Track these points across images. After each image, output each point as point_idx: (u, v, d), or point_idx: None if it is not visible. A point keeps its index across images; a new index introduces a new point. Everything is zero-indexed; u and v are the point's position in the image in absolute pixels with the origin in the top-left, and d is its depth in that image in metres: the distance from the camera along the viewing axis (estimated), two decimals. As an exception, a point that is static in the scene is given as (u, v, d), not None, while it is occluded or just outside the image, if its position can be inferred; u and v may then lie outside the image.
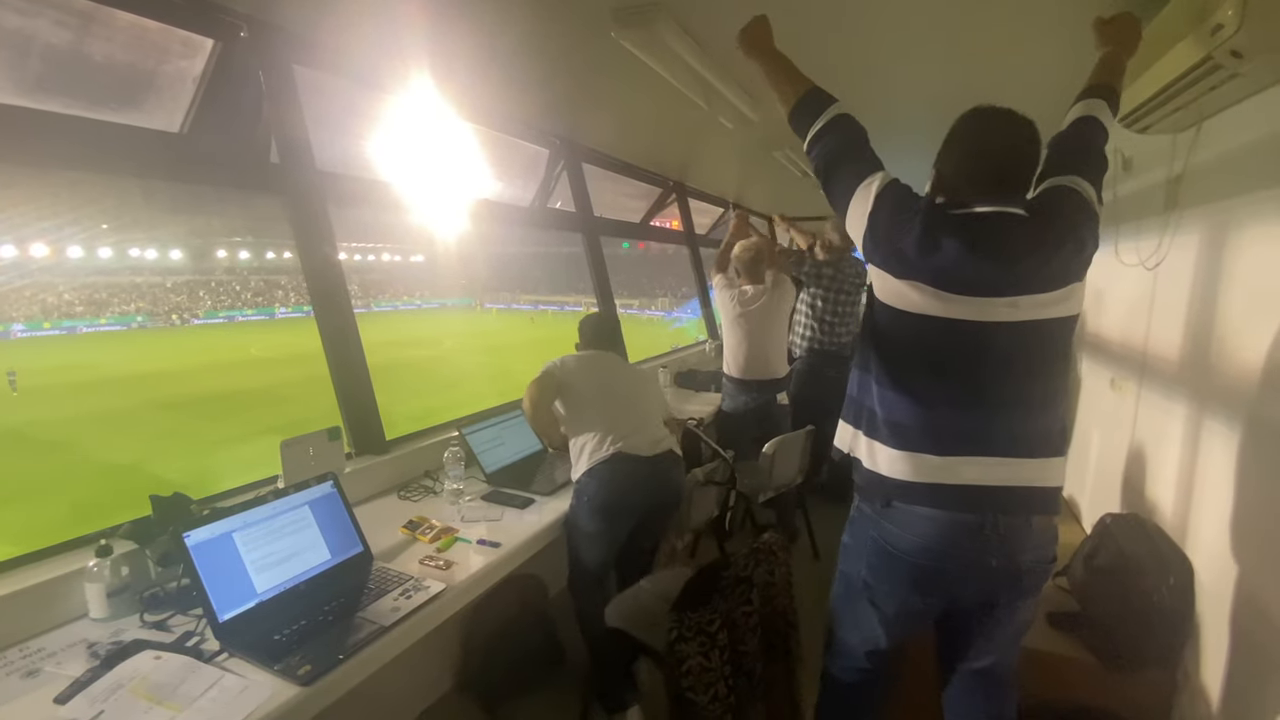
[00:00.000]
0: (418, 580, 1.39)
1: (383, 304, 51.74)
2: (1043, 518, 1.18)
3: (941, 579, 1.20)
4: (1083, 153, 1.24)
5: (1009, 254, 1.10)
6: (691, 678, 1.40)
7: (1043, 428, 1.17)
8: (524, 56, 1.96)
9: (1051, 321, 1.13)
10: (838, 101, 1.30)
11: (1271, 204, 1.31)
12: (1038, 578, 1.21)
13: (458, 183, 2.61)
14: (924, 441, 1.17)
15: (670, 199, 4.45)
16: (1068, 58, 1.95)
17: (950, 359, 1.16)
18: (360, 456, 1.98)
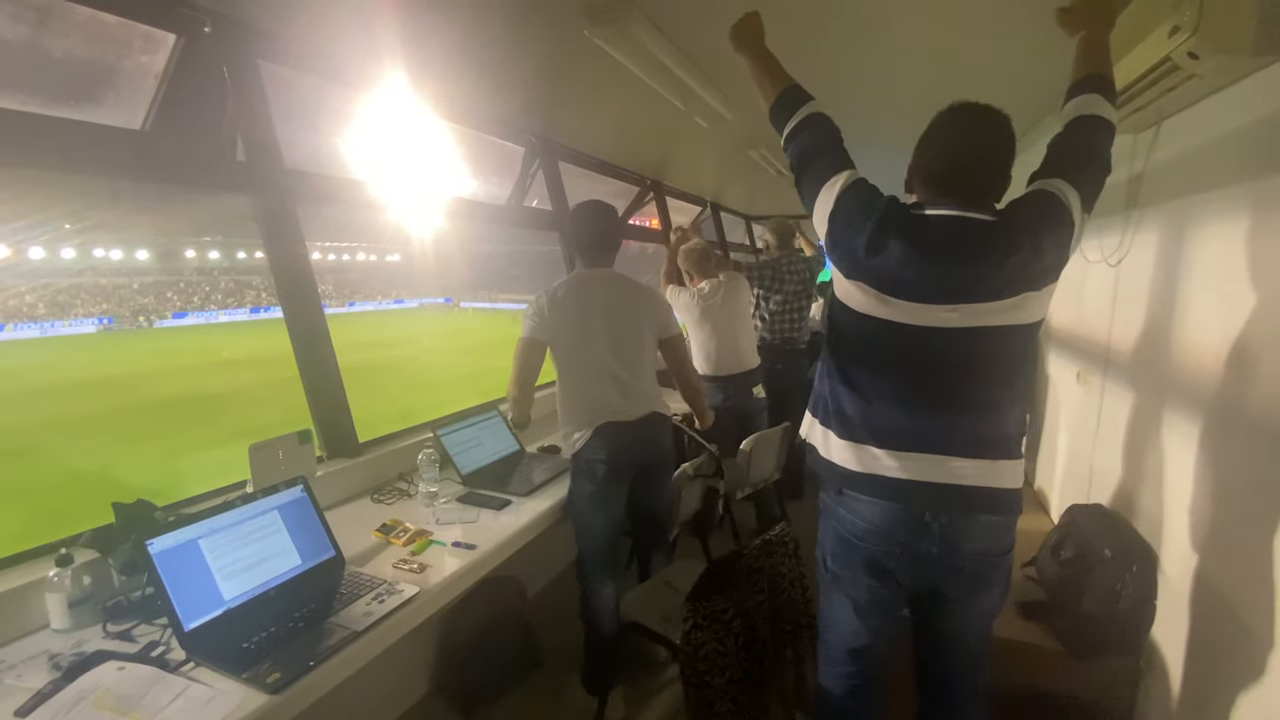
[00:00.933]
0: (391, 584, 1.37)
1: (359, 304, 50.95)
2: (990, 516, 1.19)
3: (889, 563, 1.24)
4: (1074, 155, 1.18)
5: (952, 259, 1.10)
6: (708, 663, 1.48)
7: (992, 431, 1.17)
8: (498, 54, 1.95)
9: (1000, 329, 1.12)
10: (813, 100, 1.31)
11: (1226, 202, 1.35)
12: (985, 568, 1.22)
13: (433, 181, 2.58)
14: (866, 434, 1.22)
15: (648, 198, 4.45)
16: (1040, 53, 2.00)
17: (892, 359, 1.20)
18: (332, 460, 1.95)
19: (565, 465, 2.15)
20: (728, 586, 1.55)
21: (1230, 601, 1.27)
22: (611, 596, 1.95)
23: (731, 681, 1.50)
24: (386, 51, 1.86)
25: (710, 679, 1.48)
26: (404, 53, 1.88)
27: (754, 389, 3.07)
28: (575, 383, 1.92)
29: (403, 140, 2.59)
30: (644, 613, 1.79)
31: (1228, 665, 1.26)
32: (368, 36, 1.75)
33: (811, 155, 1.28)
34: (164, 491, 1.79)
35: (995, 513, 1.19)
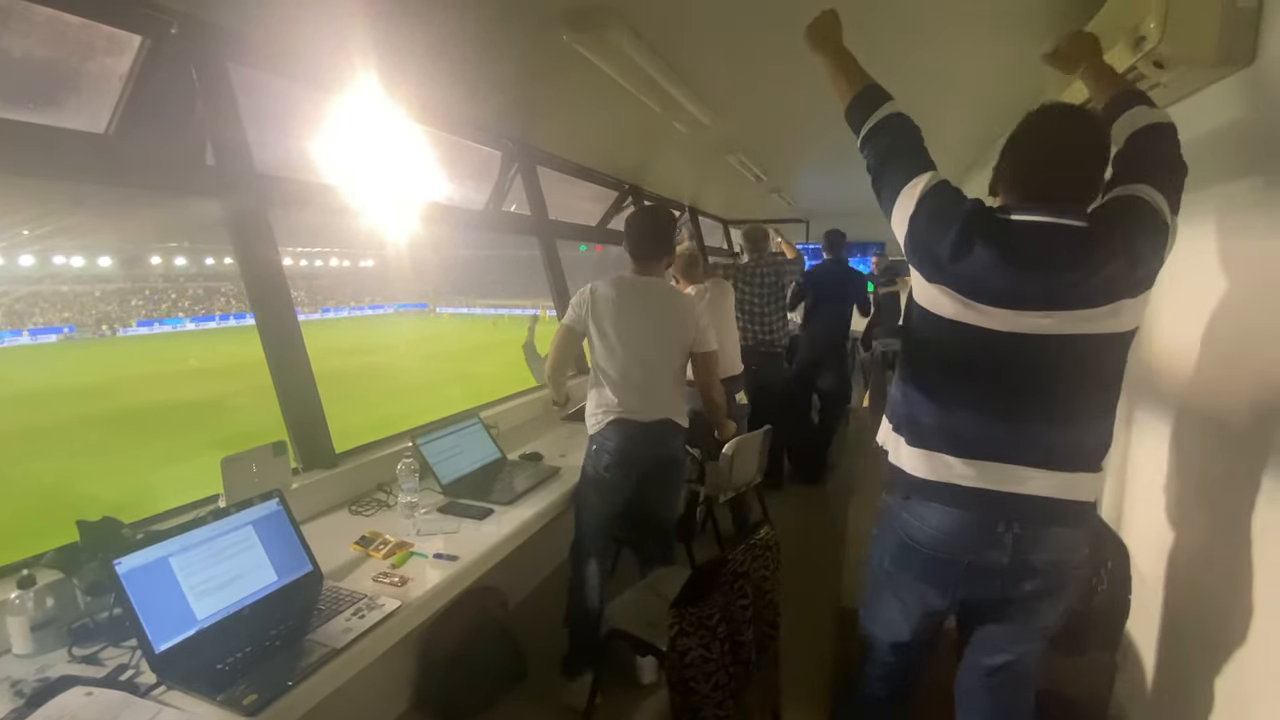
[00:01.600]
0: (371, 598, 1.34)
1: (332, 310, 50.05)
2: (1063, 528, 1.16)
3: (954, 571, 1.21)
4: (1152, 158, 1.14)
5: (1045, 267, 1.05)
6: (694, 669, 1.47)
7: (1073, 442, 1.13)
8: (474, 59, 1.93)
9: (1093, 337, 1.08)
10: (892, 99, 1.27)
11: (1191, 206, 1.39)
12: (1057, 577, 1.19)
13: (408, 185, 2.54)
14: (941, 442, 1.18)
15: (627, 202, 4.45)
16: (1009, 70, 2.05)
17: (975, 365, 1.15)
18: (308, 471, 1.90)
19: (548, 473, 2.14)
20: (713, 592, 1.54)
21: (1201, 591, 1.30)
22: (598, 578, 2.05)
23: (717, 687, 1.50)
24: (359, 54, 1.83)
25: (696, 685, 1.48)
26: (377, 55, 1.85)
27: (738, 395, 3.09)
28: (602, 375, 2.04)
29: (377, 144, 2.55)
30: (630, 620, 1.78)
31: (1200, 653, 1.29)
32: (340, 39, 1.72)
33: (891, 156, 1.24)
34: (132, 507, 1.73)
35: (1069, 524, 1.16)
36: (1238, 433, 1.20)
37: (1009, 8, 1.67)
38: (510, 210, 3.33)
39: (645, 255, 2.09)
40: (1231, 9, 1.11)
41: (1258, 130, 1.16)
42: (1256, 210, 1.18)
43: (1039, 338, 1.08)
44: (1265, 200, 1.15)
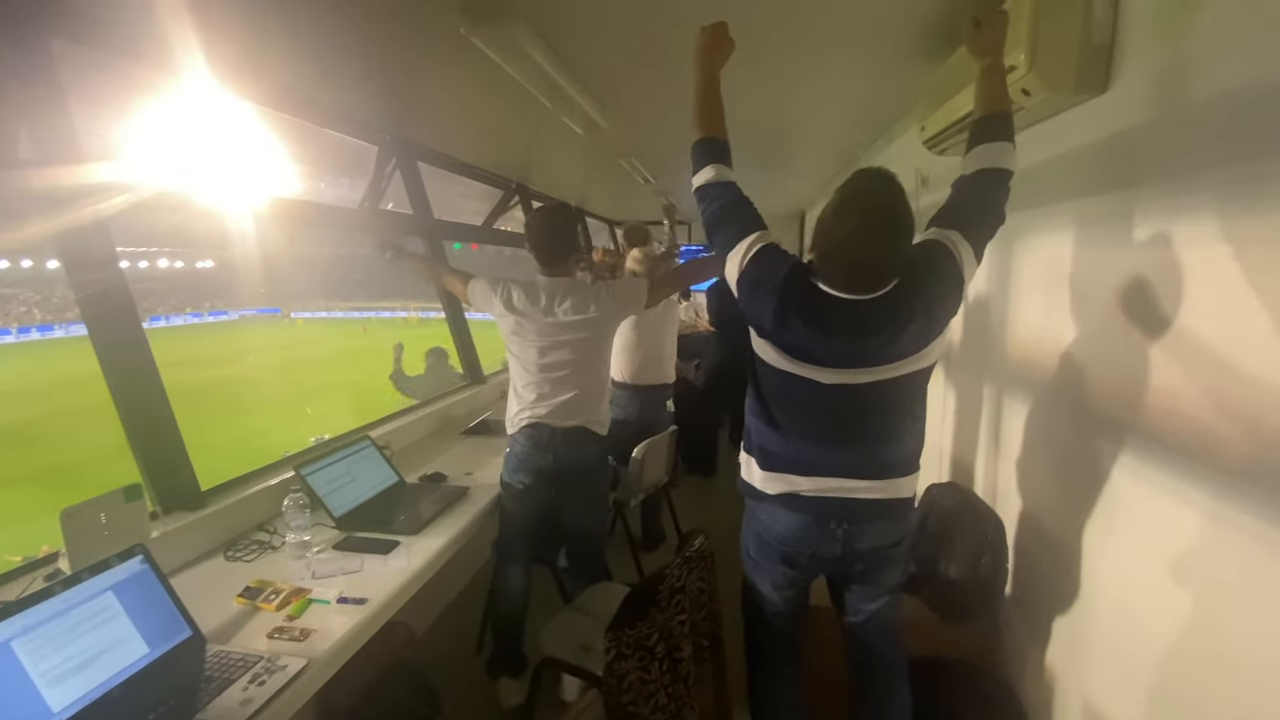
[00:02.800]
0: (270, 660, 1.17)
1: (162, 318, 43.85)
2: (883, 522, 1.38)
3: (801, 559, 1.44)
4: (976, 207, 1.29)
5: (854, 334, 1.22)
6: (632, 693, 1.42)
7: (893, 456, 1.34)
8: (355, 47, 1.76)
9: (902, 378, 1.26)
10: (724, 164, 1.39)
11: (1044, 219, 1.58)
12: (881, 558, 1.42)
13: (262, 180, 2.26)
14: (785, 466, 1.39)
15: (513, 201, 4.31)
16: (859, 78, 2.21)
17: (808, 406, 1.33)
18: (169, 515, 1.64)
19: (455, 494, 2.01)
20: (651, 610, 1.52)
21: (1066, 554, 1.48)
22: (520, 578, 2.06)
23: (657, 709, 1.46)
24: (215, 33, 1.60)
25: (636, 710, 1.43)
26: (237, 36, 1.63)
27: (666, 404, 3.08)
28: (516, 378, 2.01)
29: (229, 133, 2.26)
30: (561, 646, 1.70)
31: (1070, 609, 1.47)
32: (191, 13, 1.48)
33: (722, 218, 1.36)
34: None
35: (887, 518, 1.38)
36: (1090, 416, 1.38)
37: (883, 33, 1.81)
38: (389, 209, 3.10)
39: (552, 256, 2.01)
40: (1088, 44, 1.27)
41: (1108, 151, 1.33)
42: (1104, 223, 1.36)
43: (855, 386, 1.26)
44: (1112, 214, 1.33)
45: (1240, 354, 0.97)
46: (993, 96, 1.33)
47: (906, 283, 1.21)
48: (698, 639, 1.60)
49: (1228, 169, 0.99)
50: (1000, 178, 1.29)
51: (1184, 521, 1.06)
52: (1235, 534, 0.94)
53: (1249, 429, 0.93)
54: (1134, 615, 1.22)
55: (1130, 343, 1.22)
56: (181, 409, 1.72)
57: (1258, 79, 0.92)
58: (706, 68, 1.41)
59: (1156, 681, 1.13)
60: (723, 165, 1.38)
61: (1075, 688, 1.43)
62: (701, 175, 1.39)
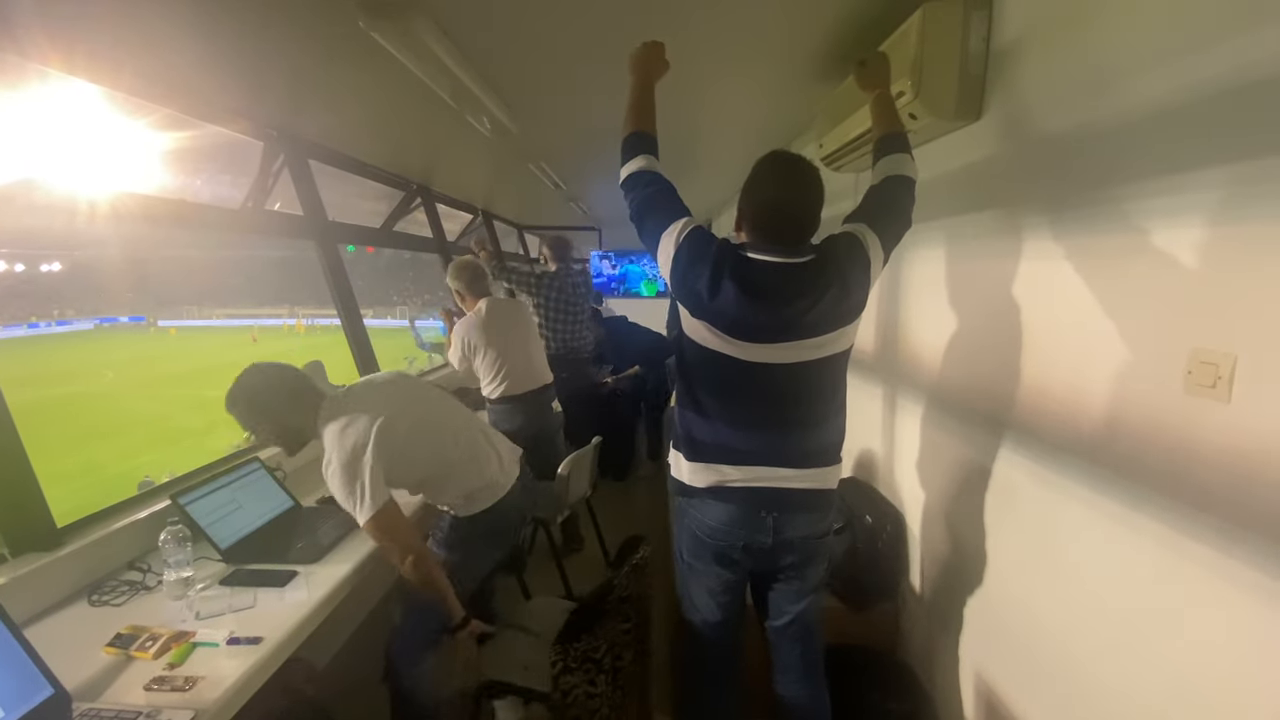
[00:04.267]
0: (150, 715, 1.04)
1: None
2: (810, 513, 1.41)
3: (734, 554, 1.45)
4: (883, 207, 1.38)
5: (776, 297, 1.26)
6: (579, 707, 1.45)
7: (816, 445, 1.39)
8: (238, 36, 1.62)
9: (818, 362, 1.32)
10: (653, 156, 1.45)
11: (927, 233, 1.71)
12: (809, 549, 1.45)
13: (124, 174, 2.02)
14: (714, 454, 1.40)
15: (415, 203, 4.12)
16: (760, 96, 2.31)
17: (733, 389, 1.36)
18: (19, 558, 1.42)
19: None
20: (599, 622, 1.52)
21: (957, 541, 1.61)
22: None
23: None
24: (70, 10, 1.41)
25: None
26: (96, 14, 1.45)
27: (551, 403, 3.06)
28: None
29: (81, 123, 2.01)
30: (503, 668, 1.64)
31: (960, 590, 1.60)
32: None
33: (654, 202, 1.39)
34: None
35: (815, 509, 1.42)
36: (973, 411, 1.51)
37: (785, 56, 1.91)
38: (275, 209, 2.87)
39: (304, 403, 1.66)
40: (966, 75, 1.39)
41: (980, 172, 1.47)
42: (976, 238, 1.50)
43: (776, 366, 1.31)
44: (982, 230, 1.47)
45: (1086, 353, 1.11)
46: (886, 119, 1.49)
47: (825, 253, 1.29)
48: (637, 644, 1.62)
49: (1078, 193, 1.13)
50: (904, 183, 1.40)
51: (1065, 511, 1.18)
52: (1109, 522, 1.06)
53: (1106, 421, 1.06)
54: (1023, 599, 1.34)
55: (1001, 345, 1.35)
56: (26, 431, 1.49)
57: (1092, 120, 1.08)
58: (643, 76, 1.51)
59: (1048, 661, 1.24)
60: (652, 156, 1.45)
61: (973, 669, 1.55)
62: (632, 164, 1.44)
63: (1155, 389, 0.95)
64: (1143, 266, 0.98)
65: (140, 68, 1.81)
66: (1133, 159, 1.00)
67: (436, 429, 1.68)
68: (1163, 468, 0.94)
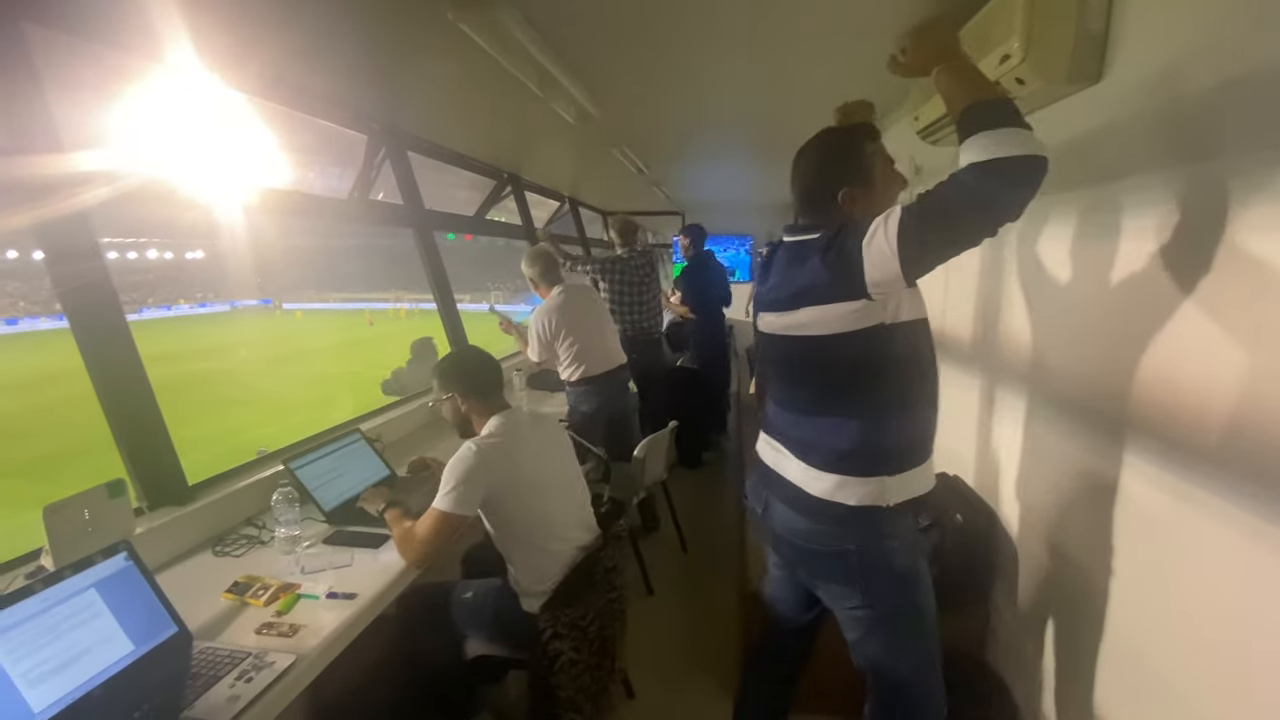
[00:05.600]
0: (258, 656, 1.16)
1: (151, 309, 43.30)
2: (787, 508, 1.30)
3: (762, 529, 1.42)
4: (929, 205, 1.03)
5: (766, 274, 1.32)
6: (562, 675, 1.49)
7: (810, 436, 1.25)
8: (336, 32, 1.72)
9: (803, 339, 1.22)
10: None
11: (1039, 213, 1.57)
12: (802, 552, 1.31)
13: (252, 170, 2.23)
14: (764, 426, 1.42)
15: (506, 191, 4.27)
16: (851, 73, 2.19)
17: (767, 362, 1.39)
18: (155, 511, 1.62)
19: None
20: (587, 591, 1.57)
21: (1056, 546, 1.49)
22: None
23: (581, 690, 1.55)
24: (197, 19, 1.56)
25: (561, 690, 1.50)
26: (219, 22, 1.59)
27: (628, 384, 3.10)
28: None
29: (214, 121, 2.21)
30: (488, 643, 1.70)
31: (1056, 599, 1.48)
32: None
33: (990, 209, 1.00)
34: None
35: (796, 508, 1.27)
36: (1083, 407, 1.37)
37: (876, 27, 1.79)
38: (379, 199, 3.06)
39: (495, 399, 1.71)
40: (1084, 33, 1.25)
41: (1101, 142, 1.32)
42: (1092, 217, 1.35)
43: (775, 336, 1.29)
44: (1099, 207, 1.32)
45: (1221, 346, 0.97)
46: (955, 98, 1.08)
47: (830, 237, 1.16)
48: (618, 616, 1.71)
49: (1222, 161, 0.98)
50: (953, 186, 1.01)
51: (1188, 523, 1.04)
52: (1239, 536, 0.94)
53: (1236, 422, 0.93)
54: (1131, 619, 1.22)
55: (1127, 338, 1.21)
56: (173, 401, 1.69)
57: (1256, 70, 0.91)
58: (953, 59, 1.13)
59: (1157, 692, 1.12)
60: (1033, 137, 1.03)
61: (1070, 683, 1.42)
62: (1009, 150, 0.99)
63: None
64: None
65: (261, 70, 1.98)
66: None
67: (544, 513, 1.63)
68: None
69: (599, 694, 1.63)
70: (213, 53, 1.78)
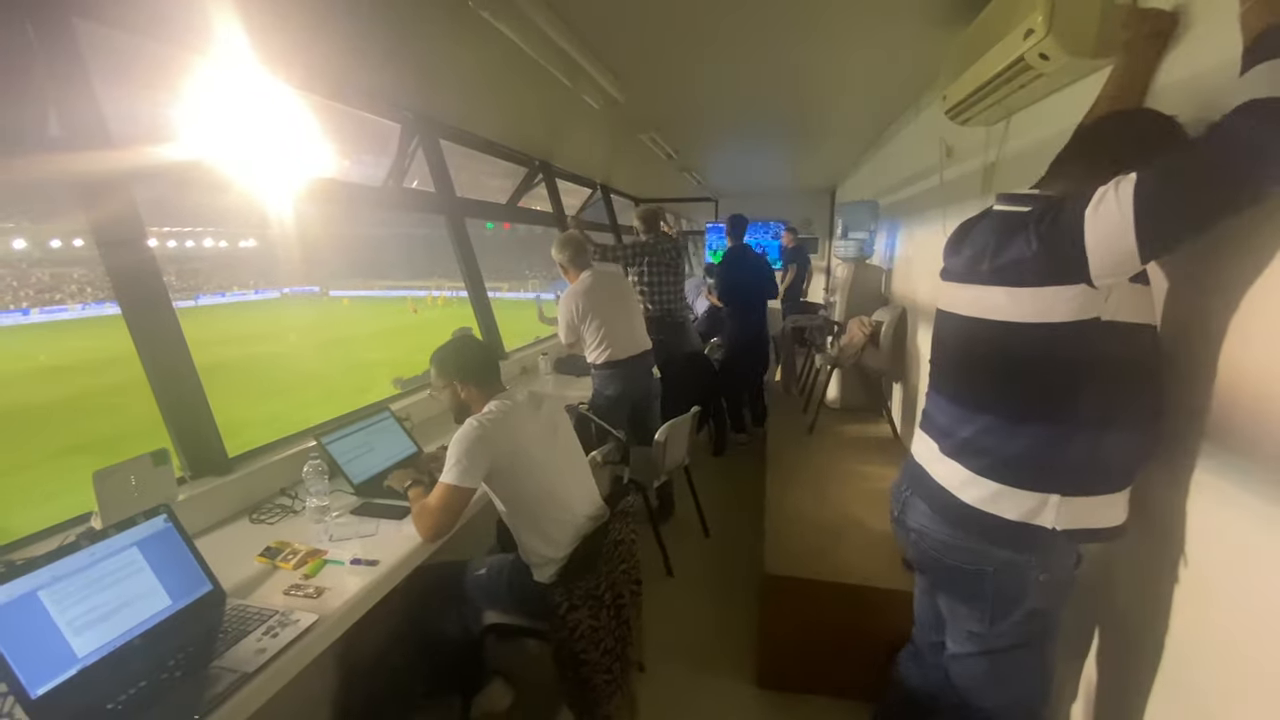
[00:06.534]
0: (284, 614, 1.24)
1: (207, 296, 45.38)
2: (927, 507, 1.17)
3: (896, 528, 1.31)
4: (1164, 160, 0.85)
5: (960, 245, 1.16)
6: (584, 640, 1.57)
7: (974, 434, 1.09)
8: (368, 22, 1.78)
9: (993, 324, 1.05)
10: None
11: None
12: (930, 558, 1.19)
13: (295, 160, 2.33)
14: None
15: (537, 179, 4.32)
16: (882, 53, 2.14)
17: (939, 347, 1.25)
18: (197, 480, 1.73)
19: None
20: (596, 562, 1.63)
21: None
22: None
23: (606, 652, 1.62)
24: (236, 13, 1.64)
25: (587, 655, 1.57)
26: (256, 16, 1.66)
27: (651, 369, 3.13)
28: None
29: (257, 113, 2.31)
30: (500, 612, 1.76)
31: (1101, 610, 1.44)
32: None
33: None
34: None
35: (936, 513, 1.16)
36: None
37: (904, 2, 1.76)
38: (412, 187, 3.14)
39: (492, 383, 1.74)
40: (1109, 6, 1.21)
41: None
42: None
43: (963, 317, 1.13)
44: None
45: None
46: (1271, 9, 0.81)
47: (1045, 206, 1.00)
48: (630, 584, 1.78)
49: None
50: (1233, 119, 0.79)
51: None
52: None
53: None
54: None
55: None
56: (227, 383, 1.79)
57: None
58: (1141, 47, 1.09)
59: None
60: None
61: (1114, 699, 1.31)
62: None
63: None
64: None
65: (297, 59, 2.05)
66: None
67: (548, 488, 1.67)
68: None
69: (622, 653, 1.70)
70: (254, 45, 1.85)
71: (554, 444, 1.72)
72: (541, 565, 1.63)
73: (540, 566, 1.64)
